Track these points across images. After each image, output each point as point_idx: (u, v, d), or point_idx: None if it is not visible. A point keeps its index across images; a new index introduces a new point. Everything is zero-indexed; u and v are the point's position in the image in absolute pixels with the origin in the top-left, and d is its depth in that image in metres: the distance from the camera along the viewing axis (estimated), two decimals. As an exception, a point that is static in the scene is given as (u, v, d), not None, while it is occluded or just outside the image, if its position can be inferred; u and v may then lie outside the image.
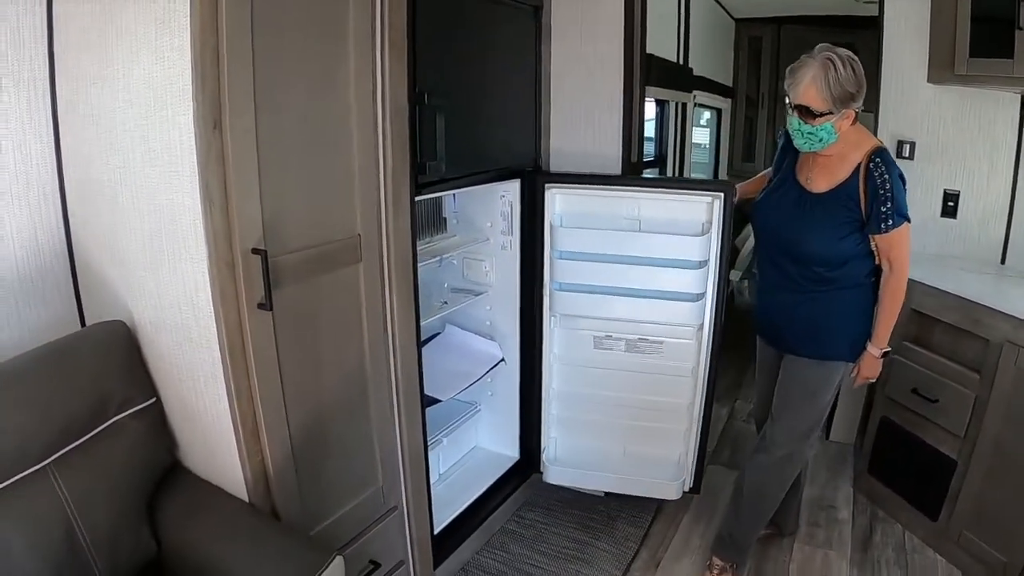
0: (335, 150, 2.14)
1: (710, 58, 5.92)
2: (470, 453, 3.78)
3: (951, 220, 4.07)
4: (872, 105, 4.19)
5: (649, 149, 4.70)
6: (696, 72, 5.31)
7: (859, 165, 2.65)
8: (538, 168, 3.41)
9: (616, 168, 3.38)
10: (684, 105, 4.94)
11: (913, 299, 3.49)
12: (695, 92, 5.28)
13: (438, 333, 3.58)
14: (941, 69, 3.76)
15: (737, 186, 3.24)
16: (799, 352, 2.93)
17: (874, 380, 2.98)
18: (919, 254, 3.80)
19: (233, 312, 1.91)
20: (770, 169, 3.09)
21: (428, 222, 3.35)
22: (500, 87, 3.09)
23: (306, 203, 2.07)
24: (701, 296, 3.28)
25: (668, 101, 4.68)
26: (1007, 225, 3.93)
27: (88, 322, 2.31)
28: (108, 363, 2.05)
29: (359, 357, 2.36)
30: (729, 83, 7.00)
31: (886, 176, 2.59)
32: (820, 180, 2.75)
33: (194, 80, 1.73)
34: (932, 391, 3.41)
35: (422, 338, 2.79)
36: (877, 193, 2.60)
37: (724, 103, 6.78)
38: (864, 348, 2.86)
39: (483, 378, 3.43)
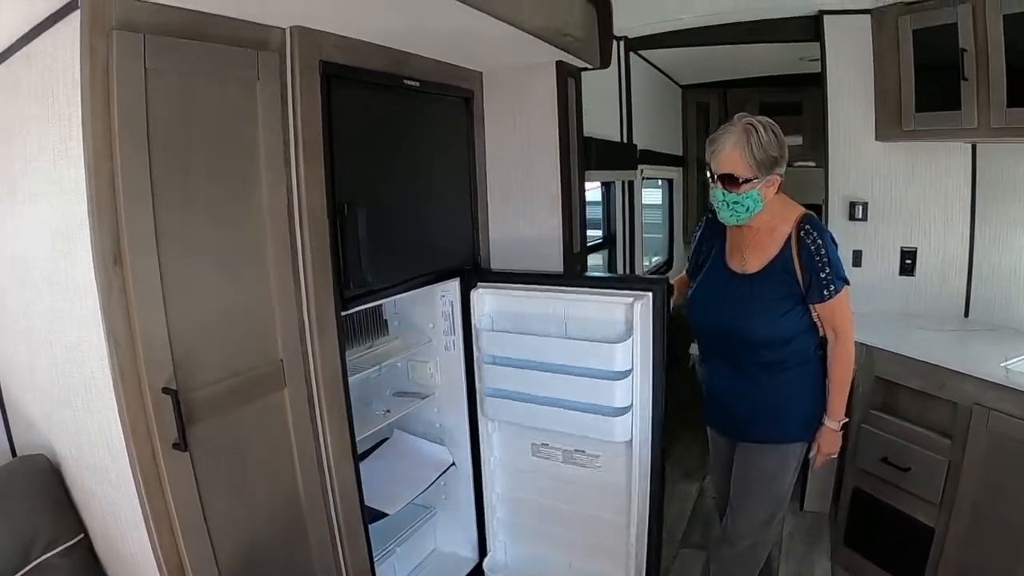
0: (250, 273, 2.10)
1: (657, 129, 5.91)
2: (429, 557, 3.64)
3: (910, 278, 4.05)
4: (821, 164, 4.20)
5: (598, 232, 4.66)
6: (642, 147, 5.26)
7: (789, 236, 2.61)
8: (477, 265, 3.33)
9: (558, 258, 3.29)
10: (631, 183, 4.90)
11: (877, 366, 3.47)
12: (641, 167, 5.23)
13: (386, 439, 3.47)
14: (888, 126, 3.79)
15: (673, 281, 3.08)
16: (753, 438, 2.84)
17: (836, 455, 2.89)
18: (879, 315, 3.85)
19: (148, 454, 1.84)
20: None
21: (369, 327, 3.24)
22: (433, 184, 3.01)
23: (221, 332, 2.01)
24: (626, 410, 2.97)
25: (614, 181, 4.64)
26: (967, 277, 3.91)
27: (19, 452, 2.27)
28: (30, 501, 2.01)
29: (291, 484, 2.29)
30: (679, 151, 6.98)
31: (819, 242, 2.54)
32: (752, 260, 2.69)
33: (90, 212, 1.69)
34: (903, 459, 3.35)
35: (369, 445, 2.74)
36: (813, 261, 2.54)
37: (675, 172, 6.74)
38: (820, 424, 2.77)
39: (435, 483, 3.32)
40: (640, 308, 2.86)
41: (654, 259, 6.48)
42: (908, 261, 4.03)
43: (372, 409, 3.15)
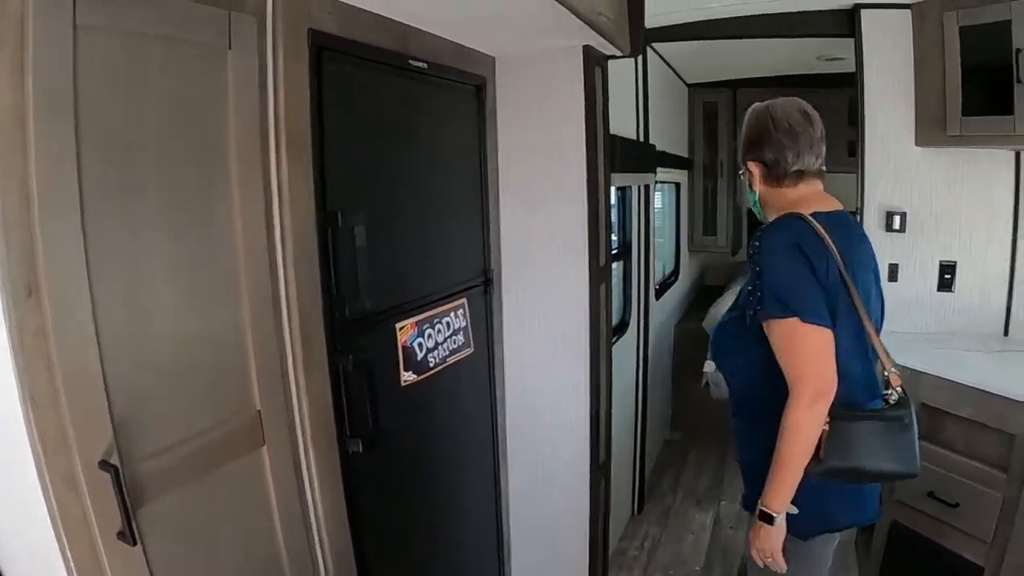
0: (216, 302, 1.58)
1: (668, 129, 5.36)
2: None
3: (948, 294, 3.71)
4: (838, 170, 3.80)
5: (613, 239, 4.13)
6: (659, 147, 4.67)
7: None
8: (488, 280, 2.80)
9: (583, 272, 2.73)
10: (647, 187, 4.36)
11: (922, 392, 3.09)
12: (657, 170, 4.67)
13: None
14: (931, 130, 3.45)
15: None
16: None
17: (772, 558, 1.97)
18: (916, 334, 3.63)
19: (86, 547, 1.33)
20: None
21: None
22: (442, 186, 2.49)
23: (179, 381, 1.49)
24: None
25: (630, 186, 4.09)
26: (1008, 294, 3.60)
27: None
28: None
29: (275, 564, 1.76)
30: (685, 153, 6.43)
31: (756, 245, 1.91)
32: None
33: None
34: (951, 494, 3.00)
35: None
36: (750, 270, 1.95)
37: (681, 176, 6.16)
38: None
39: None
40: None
41: (667, 269, 5.97)
42: (947, 276, 3.69)
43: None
